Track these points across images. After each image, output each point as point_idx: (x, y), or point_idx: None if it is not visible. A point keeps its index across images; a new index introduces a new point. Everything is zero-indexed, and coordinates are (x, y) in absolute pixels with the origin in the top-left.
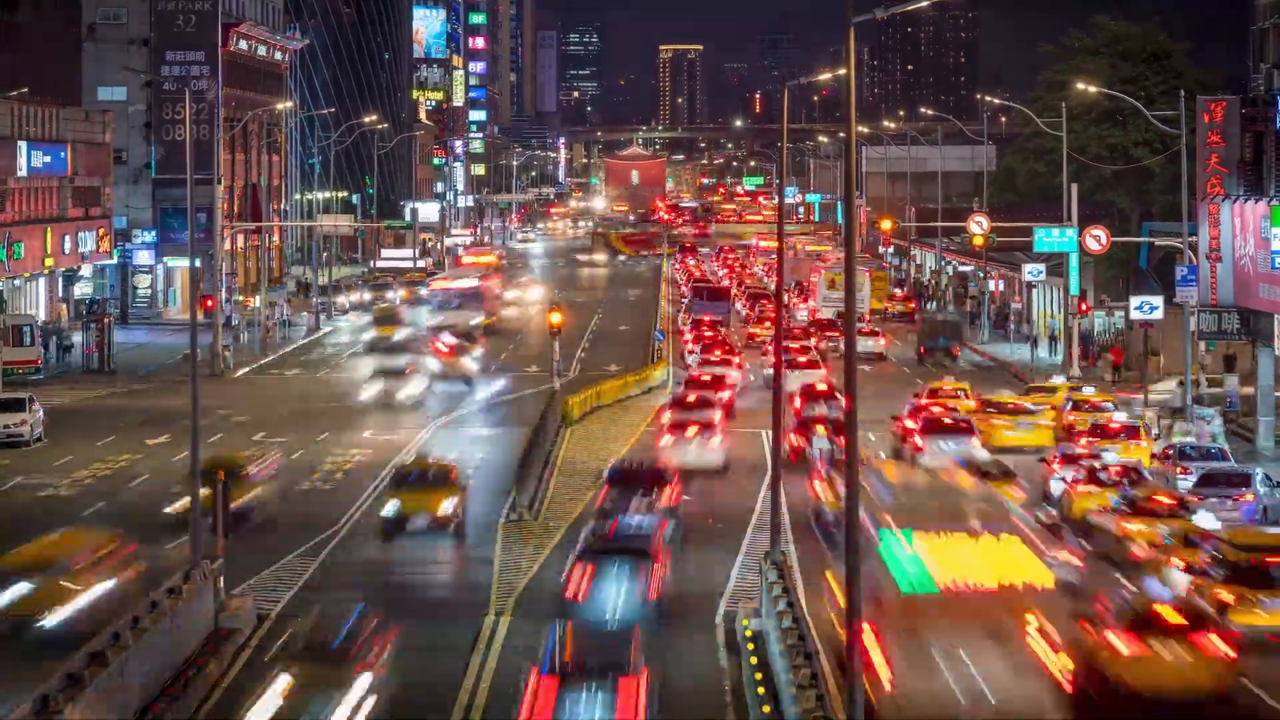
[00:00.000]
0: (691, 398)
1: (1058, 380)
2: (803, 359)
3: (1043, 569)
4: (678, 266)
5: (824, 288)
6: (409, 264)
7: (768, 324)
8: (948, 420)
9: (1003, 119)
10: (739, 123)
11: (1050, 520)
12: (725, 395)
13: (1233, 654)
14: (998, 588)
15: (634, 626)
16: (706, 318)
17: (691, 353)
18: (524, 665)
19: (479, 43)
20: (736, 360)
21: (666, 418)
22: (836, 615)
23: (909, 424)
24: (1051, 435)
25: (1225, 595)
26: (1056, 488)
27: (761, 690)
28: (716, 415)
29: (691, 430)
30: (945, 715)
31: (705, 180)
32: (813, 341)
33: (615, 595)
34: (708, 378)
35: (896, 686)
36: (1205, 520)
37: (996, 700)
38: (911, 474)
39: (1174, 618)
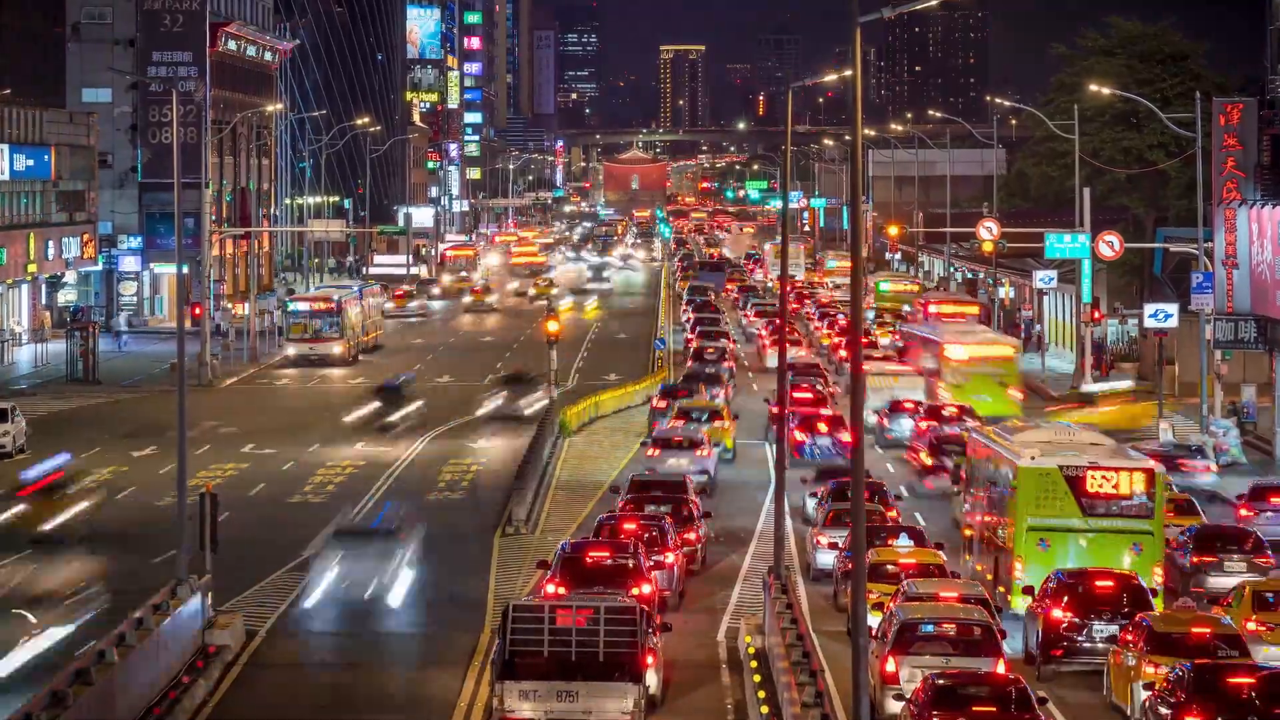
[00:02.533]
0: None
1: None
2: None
3: None
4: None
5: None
6: (402, 270)
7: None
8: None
9: (1013, 121)
10: (742, 125)
11: None
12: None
13: None
14: None
15: None
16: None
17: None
18: None
19: (474, 43)
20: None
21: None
22: None
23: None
24: None
25: None
26: None
27: (765, 709)
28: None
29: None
30: None
31: (707, 184)
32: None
33: None
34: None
35: None
36: None
37: None
38: None
39: None
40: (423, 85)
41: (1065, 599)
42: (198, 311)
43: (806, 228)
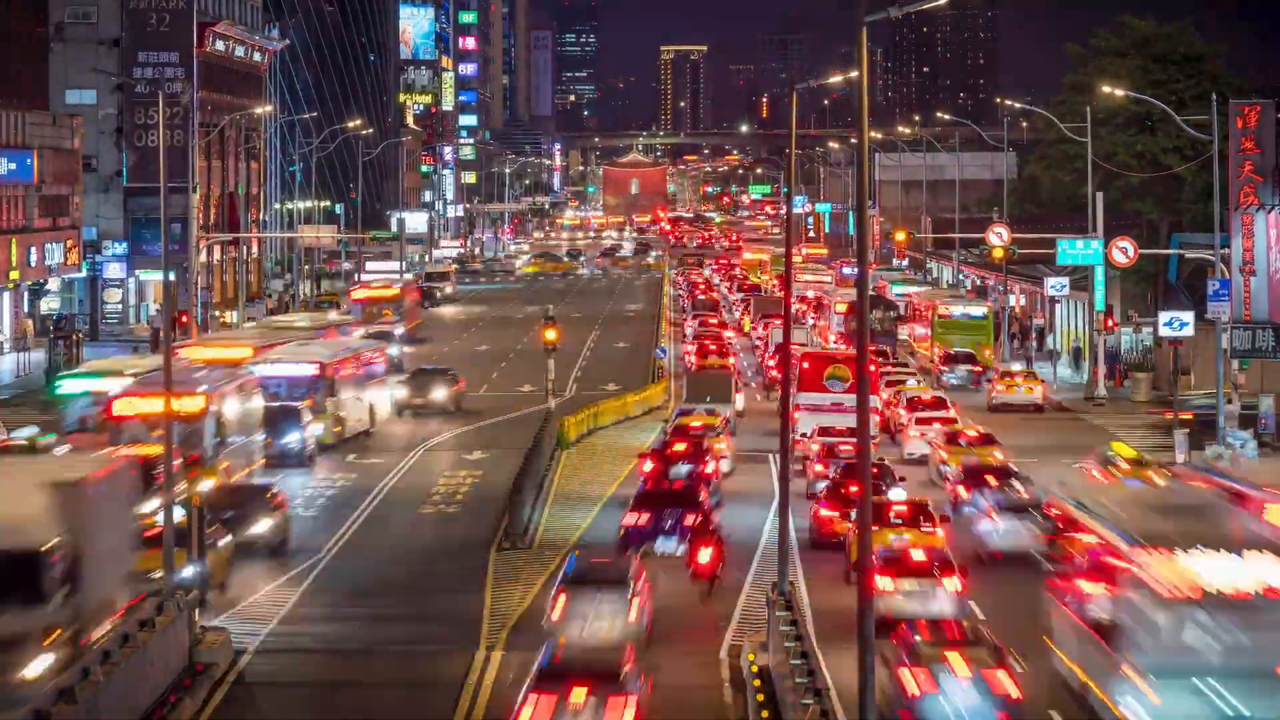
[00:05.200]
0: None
1: None
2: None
3: None
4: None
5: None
6: (395, 277)
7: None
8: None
9: (1024, 124)
10: (745, 128)
11: None
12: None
13: None
14: None
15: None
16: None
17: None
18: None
19: (469, 43)
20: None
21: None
22: None
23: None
24: None
25: None
26: None
27: None
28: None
29: None
30: None
31: (709, 189)
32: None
33: None
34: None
35: None
36: None
37: None
38: None
39: None
40: (416, 87)
41: None
42: (184, 320)
43: (811, 233)
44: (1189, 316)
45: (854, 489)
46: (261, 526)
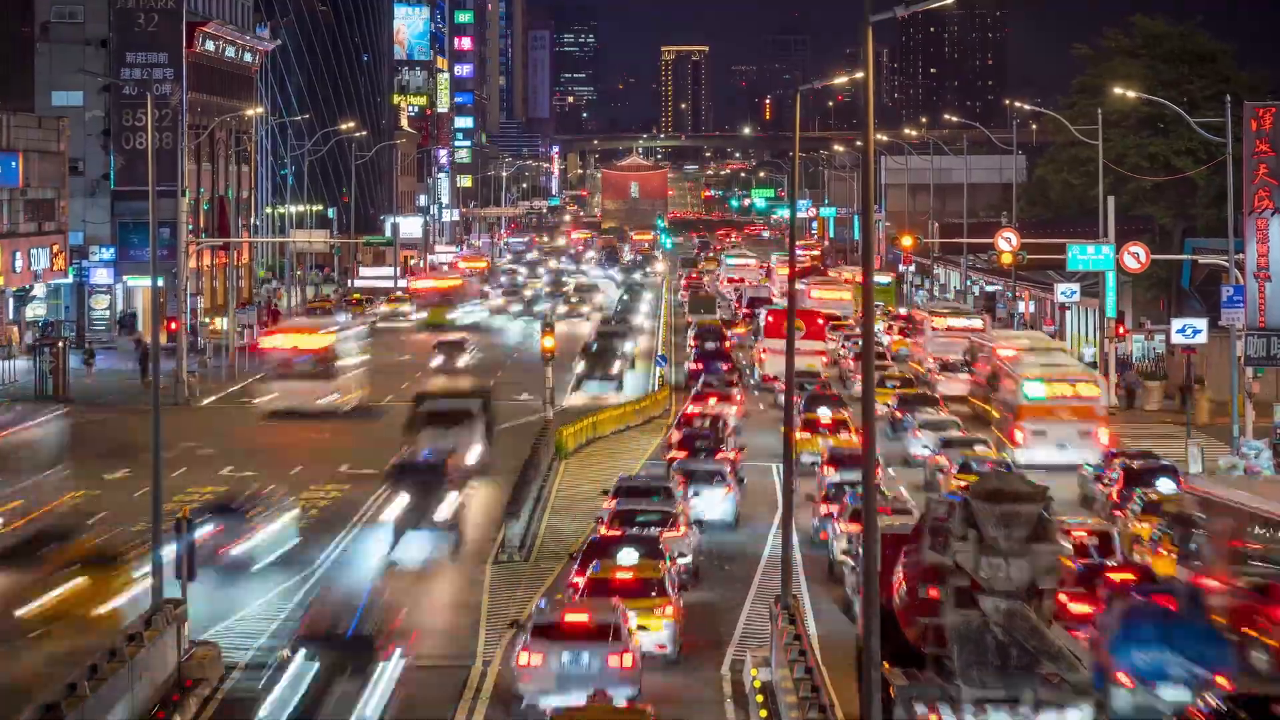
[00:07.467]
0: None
1: None
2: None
3: None
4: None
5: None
6: (389, 283)
7: None
8: None
9: (1034, 126)
10: (747, 130)
11: None
12: None
13: None
14: None
15: None
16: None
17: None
18: None
19: (465, 43)
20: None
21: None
22: None
23: None
24: None
25: None
26: None
27: None
28: None
29: None
30: None
31: (711, 193)
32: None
33: None
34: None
35: None
36: None
37: None
38: None
39: None
40: (411, 88)
41: None
42: (173, 326)
43: (815, 236)
44: (1202, 323)
45: (822, 419)
46: None
